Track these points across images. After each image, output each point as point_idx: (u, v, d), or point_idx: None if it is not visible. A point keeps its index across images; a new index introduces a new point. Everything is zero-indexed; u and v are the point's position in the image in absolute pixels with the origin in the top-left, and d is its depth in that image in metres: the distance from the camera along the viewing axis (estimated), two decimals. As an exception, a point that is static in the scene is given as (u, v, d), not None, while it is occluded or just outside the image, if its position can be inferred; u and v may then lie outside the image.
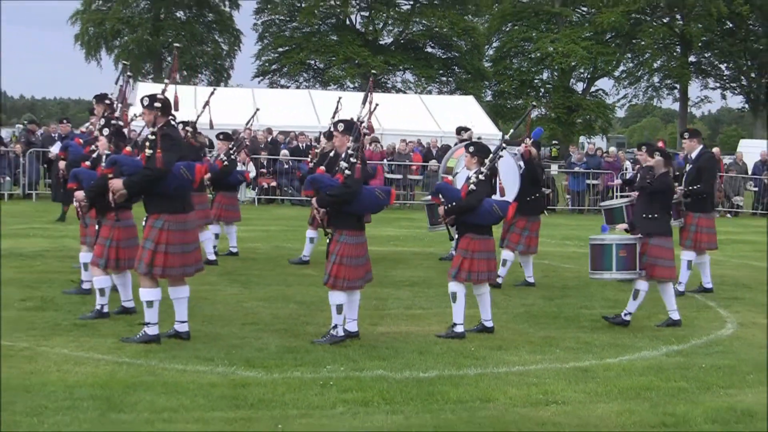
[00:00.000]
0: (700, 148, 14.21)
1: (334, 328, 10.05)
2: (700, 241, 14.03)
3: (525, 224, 13.97)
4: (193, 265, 9.90)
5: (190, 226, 9.77)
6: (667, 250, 11.63)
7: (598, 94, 69.14)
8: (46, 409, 7.33)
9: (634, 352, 10.13)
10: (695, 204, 14.00)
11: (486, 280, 10.78)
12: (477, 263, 10.59)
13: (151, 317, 9.72)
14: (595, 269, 11.79)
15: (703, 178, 13.91)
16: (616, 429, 7.44)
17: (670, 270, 11.68)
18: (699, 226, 14.00)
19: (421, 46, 66.61)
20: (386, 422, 7.39)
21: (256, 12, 66.62)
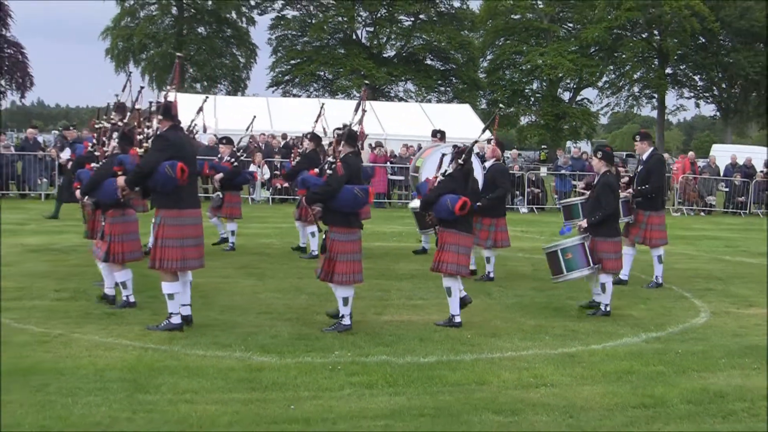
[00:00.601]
0: (651, 150, 14.12)
1: (342, 318, 10.05)
2: (651, 237, 13.97)
3: (491, 222, 13.86)
4: (196, 259, 9.83)
5: (187, 221, 9.69)
6: (612, 244, 11.68)
7: (583, 102, 69.16)
8: (79, 390, 7.34)
9: (617, 339, 10.11)
10: (646, 202, 13.96)
11: (454, 272, 10.56)
12: (445, 254, 10.57)
13: (173, 308, 9.72)
14: (554, 274, 11.83)
15: (651, 178, 13.86)
16: (600, 409, 7.42)
17: (616, 262, 11.74)
18: (649, 223, 13.95)
19: (421, 59, 66.57)
20: (389, 403, 7.37)
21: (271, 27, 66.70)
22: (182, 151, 9.67)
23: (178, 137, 9.85)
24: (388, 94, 65.33)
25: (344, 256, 9.91)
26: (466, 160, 10.73)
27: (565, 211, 14.52)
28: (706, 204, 32.29)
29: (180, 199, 9.66)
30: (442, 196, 10.48)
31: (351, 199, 9.83)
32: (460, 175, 10.69)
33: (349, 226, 10.01)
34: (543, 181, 32.24)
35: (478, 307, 11.71)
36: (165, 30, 65.71)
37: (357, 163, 10.22)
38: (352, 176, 9.94)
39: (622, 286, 13.68)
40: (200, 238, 9.92)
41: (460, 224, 10.58)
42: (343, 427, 6.70)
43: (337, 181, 9.87)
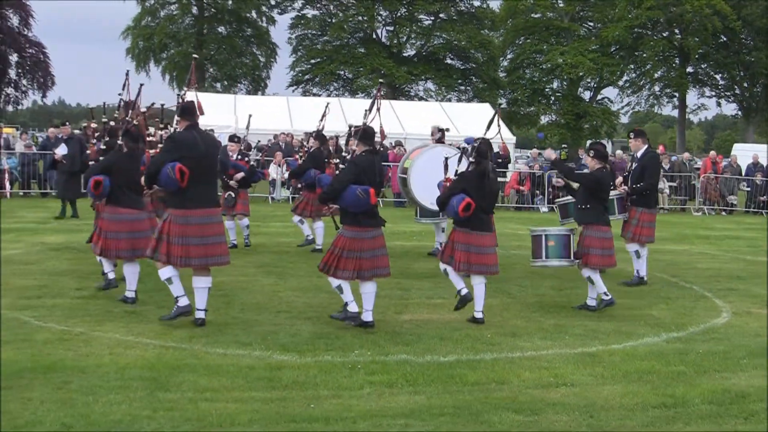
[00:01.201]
0: (645, 147, 14.10)
1: (346, 305, 10.15)
2: (640, 234, 13.86)
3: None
4: (202, 257, 9.80)
5: (192, 221, 9.71)
6: (598, 240, 11.67)
7: (603, 101, 68.90)
8: (100, 388, 7.37)
9: (637, 339, 10.08)
10: (639, 200, 13.90)
11: (465, 270, 10.70)
12: (457, 254, 10.68)
13: (176, 291, 9.85)
14: (533, 257, 11.92)
15: (646, 176, 13.82)
16: (620, 409, 7.40)
17: (602, 258, 11.69)
18: (641, 220, 13.86)
19: (441, 58, 66.44)
20: (409, 402, 7.37)
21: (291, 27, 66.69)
22: (192, 151, 9.71)
23: (190, 137, 9.88)
24: (408, 94, 65.30)
25: (349, 253, 9.96)
26: (479, 159, 10.75)
27: (561, 209, 14.69)
28: (727, 203, 32.14)
29: (186, 199, 9.72)
30: (453, 196, 10.58)
31: (354, 199, 9.86)
32: (473, 175, 10.74)
33: (358, 225, 10.02)
34: (564, 180, 32.10)
35: (498, 306, 11.71)
36: (185, 29, 65.86)
37: (369, 162, 10.16)
38: (361, 176, 9.96)
39: (642, 286, 13.66)
40: (208, 238, 9.83)
41: (472, 223, 10.61)
42: (363, 426, 6.71)
43: (339, 181, 10.04)
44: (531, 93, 65.61)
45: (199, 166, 9.69)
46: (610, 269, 12.66)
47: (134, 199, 11.12)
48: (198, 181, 9.70)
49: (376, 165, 10.26)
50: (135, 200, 11.13)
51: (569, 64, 60.96)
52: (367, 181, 9.96)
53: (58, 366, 7.99)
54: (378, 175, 10.17)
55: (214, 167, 10.09)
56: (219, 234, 10.00)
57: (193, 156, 9.67)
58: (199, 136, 10.00)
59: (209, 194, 10.00)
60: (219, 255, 9.96)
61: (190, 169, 9.59)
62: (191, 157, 9.64)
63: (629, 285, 13.77)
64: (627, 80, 67.84)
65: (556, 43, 64.84)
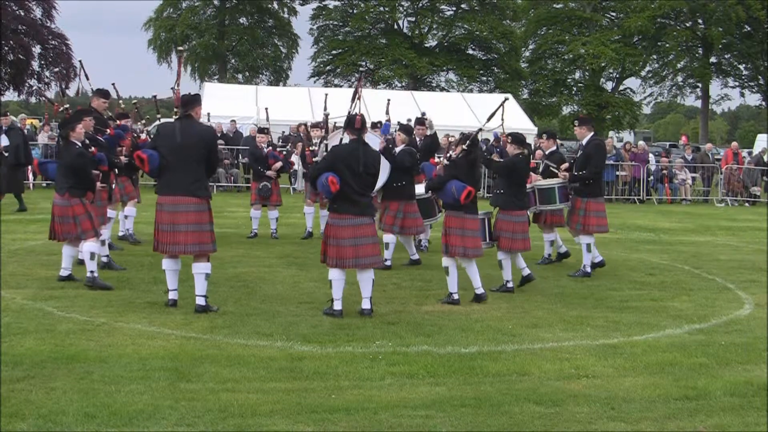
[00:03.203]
0: (590, 135, 13.75)
1: (331, 301, 10.30)
2: (588, 224, 13.53)
3: (398, 206, 13.56)
4: (171, 244, 10.13)
5: (165, 207, 10.14)
6: (510, 224, 11.92)
7: (626, 92, 68.67)
8: (122, 379, 7.40)
9: (659, 331, 10.04)
10: (584, 189, 13.57)
11: (461, 254, 11.04)
12: (452, 238, 10.99)
13: (168, 284, 10.48)
14: None
15: (590, 164, 13.47)
16: (642, 401, 7.38)
17: (511, 242, 11.94)
18: (587, 210, 13.51)
19: (463, 49, 66.37)
20: (430, 393, 7.38)
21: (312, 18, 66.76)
22: (165, 140, 10.23)
23: (168, 127, 10.48)
24: (429, 84, 65.26)
25: (333, 240, 10.19)
26: (471, 147, 11.03)
27: (540, 194, 14.00)
28: (750, 194, 31.98)
29: (160, 186, 10.32)
30: (447, 182, 10.86)
31: (321, 186, 10.13)
32: (464, 162, 11.03)
33: (336, 212, 10.27)
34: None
35: (519, 297, 11.70)
36: (207, 20, 66.01)
37: (349, 150, 10.33)
38: (337, 163, 10.14)
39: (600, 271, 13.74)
40: (178, 225, 10.07)
41: (465, 207, 10.95)
42: (384, 417, 6.71)
43: (315, 168, 10.65)
44: (553, 84, 65.47)
45: (172, 154, 10.08)
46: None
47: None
48: (171, 169, 10.10)
49: (361, 154, 10.28)
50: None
51: (591, 55, 60.78)
52: (344, 169, 10.10)
53: (80, 356, 8.04)
54: (362, 165, 10.22)
55: (192, 157, 10.15)
56: (188, 223, 10.10)
57: (165, 145, 10.17)
58: (180, 126, 10.23)
59: (183, 183, 10.11)
60: (190, 243, 10.12)
61: (163, 157, 10.11)
62: (164, 146, 10.18)
63: (573, 276, 13.60)
64: (649, 70, 67.64)
65: (578, 34, 64.66)
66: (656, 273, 14.18)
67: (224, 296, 11.04)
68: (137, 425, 6.31)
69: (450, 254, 11.03)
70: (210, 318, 9.77)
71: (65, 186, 11.37)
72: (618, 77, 67.25)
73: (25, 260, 13.17)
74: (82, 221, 11.39)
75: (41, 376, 7.41)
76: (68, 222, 11.34)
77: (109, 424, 6.30)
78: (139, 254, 13.57)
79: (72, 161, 11.37)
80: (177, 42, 64.29)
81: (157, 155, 10.19)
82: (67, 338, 8.69)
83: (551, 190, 13.62)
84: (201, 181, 10.28)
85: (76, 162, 11.39)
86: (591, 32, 63.85)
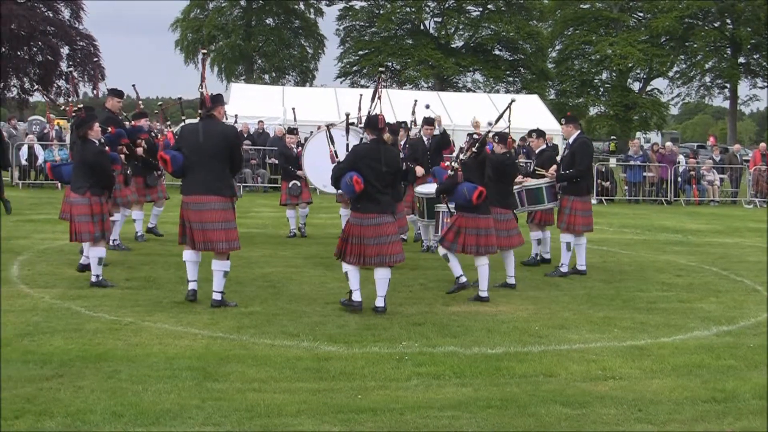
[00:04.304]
0: (577, 133, 13.64)
1: (349, 293, 10.50)
2: (574, 223, 13.42)
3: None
4: (200, 242, 10.32)
5: (191, 206, 10.29)
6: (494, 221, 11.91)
7: (653, 92, 68.46)
8: (149, 378, 7.42)
9: (687, 332, 9.98)
10: (570, 187, 13.46)
11: (475, 252, 11.24)
12: (466, 237, 11.19)
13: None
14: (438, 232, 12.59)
15: (576, 162, 13.36)
16: (669, 403, 7.34)
17: (498, 239, 11.87)
18: (573, 209, 13.41)
19: (489, 49, 66.35)
20: (456, 394, 7.36)
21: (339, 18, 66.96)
22: (188, 140, 10.44)
23: (191, 127, 10.70)
24: (456, 85, 65.28)
25: (356, 239, 10.34)
26: (480, 149, 11.25)
27: (528, 194, 13.82)
28: (780, 195, 31.77)
29: (184, 186, 10.45)
30: (459, 184, 11.05)
31: (345, 185, 10.26)
32: (475, 163, 11.23)
33: (359, 211, 10.41)
34: (612, 172, 31.97)
35: (546, 298, 11.67)
36: (234, 21, 66.29)
37: (371, 150, 10.45)
38: (358, 163, 10.27)
39: (583, 275, 13.61)
40: (206, 224, 10.24)
41: (479, 208, 11.13)
42: (410, 418, 6.70)
43: (337, 168, 10.58)
44: (579, 84, 65.41)
45: (195, 154, 10.24)
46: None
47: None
48: (194, 169, 10.26)
49: (383, 153, 10.40)
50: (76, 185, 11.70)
51: (618, 55, 60.63)
52: (366, 168, 10.23)
53: (108, 355, 8.07)
54: (385, 164, 10.33)
55: (215, 157, 10.31)
56: (215, 221, 10.26)
57: (189, 145, 10.35)
58: (203, 126, 10.40)
59: (206, 182, 10.27)
60: (222, 241, 10.29)
61: (187, 157, 10.28)
62: (188, 146, 10.36)
63: (551, 275, 13.51)
64: (677, 71, 67.38)
65: (605, 34, 64.52)
66: (684, 274, 14.10)
67: (251, 296, 11.07)
68: (164, 424, 6.33)
69: (466, 253, 11.26)
70: (236, 318, 9.80)
71: (85, 185, 11.43)
72: (645, 78, 67.05)
73: (53, 260, 13.26)
74: (103, 220, 11.55)
75: (69, 374, 7.45)
76: (87, 221, 11.41)
77: (136, 423, 6.32)
78: (165, 254, 13.62)
79: (92, 160, 11.44)
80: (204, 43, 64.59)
81: (180, 156, 10.33)
82: (95, 337, 8.73)
83: (539, 190, 13.56)
84: (225, 180, 10.41)
85: (96, 160, 11.47)
86: (618, 32, 63.71)
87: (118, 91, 14.36)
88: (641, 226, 22.06)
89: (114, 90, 14.40)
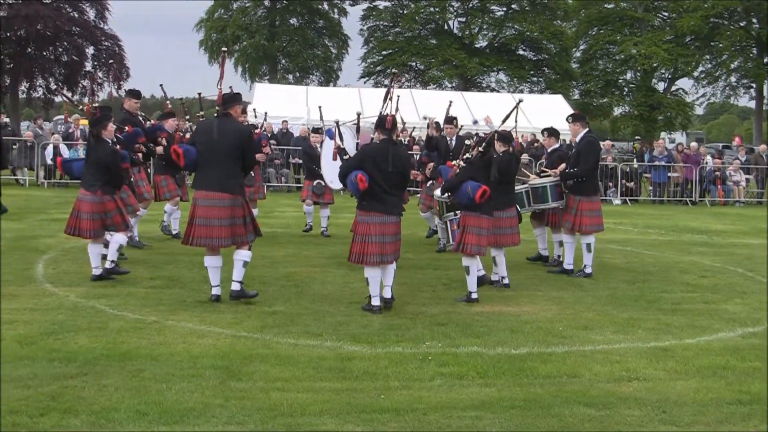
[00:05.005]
0: (584, 132, 13.58)
1: (368, 298, 10.56)
2: (581, 224, 13.31)
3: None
4: (204, 238, 10.43)
5: (199, 202, 10.43)
6: (498, 220, 11.91)
7: (678, 92, 68.00)
8: (173, 377, 7.46)
9: (712, 334, 9.93)
10: (576, 187, 13.37)
11: (476, 252, 11.22)
12: (468, 236, 11.19)
13: (210, 280, 10.76)
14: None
15: (581, 161, 13.26)
16: (694, 404, 7.30)
17: (500, 237, 12.05)
18: (579, 209, 13.31)
19: (513, 49, 66.17)
20: (480, 394, 7.35)
21: (363, 18, 66.89)
22: (202, 136, 10.59)
23: (206, 124, 11.05)
24: (480, 85, 65.13)
25: (358, 237, 10.48)
26: (487, 148, 11.32)
27: (533, 192, 13.79)
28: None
29: (195, 181, 10.65)
30: (463, 183, 11.08)
31: (350, 184, 10.38)
32: (481, 162, 11.29)
33: (363, 210, 10.53)
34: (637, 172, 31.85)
35: (570, 299, 11.64)
36: (258, 21, 66.34)
37: (379, 150, 10.49)
38: (366, 162, 10.36)
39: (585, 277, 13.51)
40: (211, 220, 10.35)
41: (481, 207, 11.11)
42: (433, 418, 6.70)
43: (344, 166, 10.71)
44: (604, 84, 65.09)
45: (208, 151, 10.41)
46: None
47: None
48: (206, 165, 10.42)
49: (391, 153, 10.45)
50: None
51: (643, 55, 60.33)
52: (373, 168, 10.31)
53: (132, 354, 8.12)
54: (392, 164, 10.40)
55: (228, 155, 10.43)
56: (221, 218, 10.37)
57: (202, 141, 10.50)
58: (218, 124, 10.57)
59: (217, 179, 10.40)
60: (223, 237, 10.42)
61: (200, 153, 10.44)
62: (201, 143, 10.51)
63: (576, 276, 13.44)
64: (702, 71, 66.89)
65: (630, 34, 64.19)
66: (709, 275, 14.04)
67: (274, 296, 11.10)
68: (188, 423, 6.36)
69: (465, 252, 11.23)
70: (260, 317, 9.82)
71: (98, 183, 11.61)
72: (670, 78, 66.65)
73: (78, 258, 13.31)
74: (114, 215, 11.74)
75: (94, 373, 7.49)
76: (99, 218, 11.59)
77: (159, 422, 6.35)
78: (189, 253, 13.64)
79: (106, 158, 11.64)
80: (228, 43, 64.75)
81: (193, 150, 10.50)
82: (119, 336, 8.78)
83: (543, 189, 13.52)
84: (236, 178, 10.53)
85: (109, 159, 11.68)
86: (643, 32, 63.37)
87: (136, 91, 14.69)
88: (666, 227, 21.97)
89: (131, 91, 14.72)
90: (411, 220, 17.75)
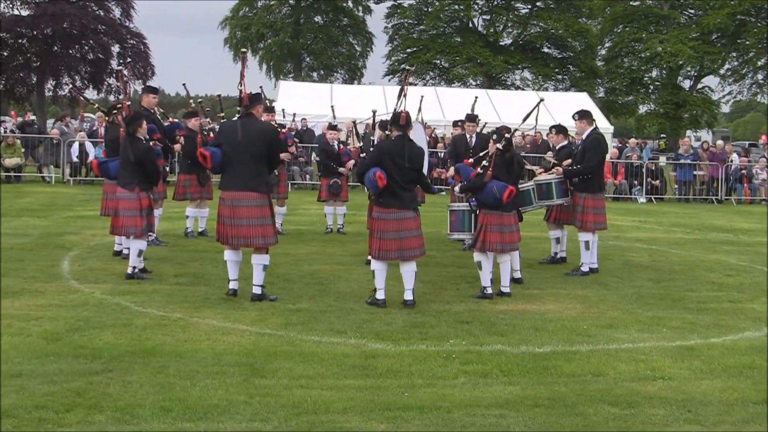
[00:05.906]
0: (591, 129, 13.51)
1: (374, 291, 10.68)
2: (585, 221, 13.31)
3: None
4: (233, 237, 10.47)
5: (225, 202, 10.48)
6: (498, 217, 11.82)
7: (704, 90, 67.69)
8: (197, 374, 7.48)
9: (738, 333, 9.88)
10: (582, 184, 13.35)
11: (499, 250, 11.29)
12: (489, 234, 11.20)
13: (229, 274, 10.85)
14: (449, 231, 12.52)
15: (586, 158, 13.23)
16: (719, 404, 7.26)
17: (501, 235, 11.73)
18: (585, 206, 13.31)
19: (538, 47, 66.04)
20: (504, 392, 7.34)
21: (387, 16, 66.92)
22: (227, 137, 10.60)
23: (230, 125, 10.95)
24: (504, 83, 65.04)
25: (377, 234, 10.57)
26: (507, 146, 11.32)
27: (539, 189, 13.60)
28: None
29: (221, 181, 10.76)
30: (488, 183, 11.14)
31: (368, 181, 10.43)
32: (502, 161, 11.29)
33: (380, 206, 10.58)
34: (662, 170, 31.71)
35: (595, 298, 11.60)
36: (282, 19, 66.49)
37: (395, 146, 10.54)
38: (383, 159, 10.45)
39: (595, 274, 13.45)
40: (240, 219, 10.39)
41: (504, 206, 11.21)
42: (457, 416, 6.69)
43: (362, 164, 10.94)
44: (629, 82, 64.90)
45: (233, 151, 10.46)
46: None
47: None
48: (232, 165, 10.50)
49: (406, 150, 10.52)
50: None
51: (669, 53, 60.05)
52: (389, 164, 10.39)
53: (156, 351, 8.15)
54: (408, 160, 10.47)
55: (253, 154, 10.49)
56: (251, 217, 10.43)
57: (227, 142, 10.55)
58: (241, 124, 10.62)
59: (243, 178, 10.46)
60: (254, 237, 10.45)
61: (225, 153, 10.51)
62: (226, 143, 10.55)
63: (571, 275, 13.37)
64: (728, 68, 66.62)
65: (656, 31, 63.96)
66: (734, 274, 13.96)
67: (298, 293, 11.12)
68: (212, 420, 6.37)
69: (487, 250, 11.24)
70: (284, 315, 9.84)
71: (134, 181, 11.72)
72: (696, 75, 66.33)
73: (104, 255, 13.40)
74: (149, 215, 11.90)
75: (119, 369, 7.52)
76: (135, 215, 11.67)
77: (184, 418, 6.37)
78: (213, 251, 13.68)
79: (141, 156, 11.71)
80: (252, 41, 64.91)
81: (219, 152, 10.56)
82: (144, 333, 8.81)
83: (549, 185, 13.45)
84: (261, 176, 10.60)
85: (145, 157, 11.76)
86: (668, 30, 63.11)
87: (153, 87, 14.92)
88: (691, 225, 21.86)
89: (148, 87, 14.90)
90: (435, 217, 17.77)
